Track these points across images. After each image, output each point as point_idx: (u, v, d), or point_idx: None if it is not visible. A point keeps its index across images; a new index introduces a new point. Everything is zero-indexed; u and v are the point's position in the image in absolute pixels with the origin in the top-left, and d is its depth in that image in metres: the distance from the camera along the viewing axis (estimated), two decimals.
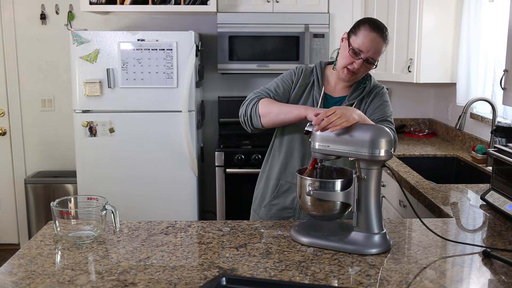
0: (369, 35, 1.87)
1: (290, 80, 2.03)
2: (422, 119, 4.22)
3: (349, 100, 1.99)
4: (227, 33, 3.72)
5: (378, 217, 1.60)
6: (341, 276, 1.41)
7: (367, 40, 1.87)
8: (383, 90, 2.06)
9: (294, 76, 2.04)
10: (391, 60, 3.68)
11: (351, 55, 1.89)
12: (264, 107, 1.93)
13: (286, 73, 2.07)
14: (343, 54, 1.93)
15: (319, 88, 2.01)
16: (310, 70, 2.06)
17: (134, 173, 3.55)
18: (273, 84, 2.03)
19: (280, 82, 2.03)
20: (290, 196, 2.04)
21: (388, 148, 1.55)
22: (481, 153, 2.95)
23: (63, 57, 4.05)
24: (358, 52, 1.88)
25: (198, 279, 1.39)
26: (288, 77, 2.04)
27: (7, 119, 4.16)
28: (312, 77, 2.04)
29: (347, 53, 1.90)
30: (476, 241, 1.72)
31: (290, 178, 2.03)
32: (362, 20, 1.94)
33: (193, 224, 1.83)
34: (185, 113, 3.45)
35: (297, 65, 2.10)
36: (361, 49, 1.87)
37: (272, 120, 1.94)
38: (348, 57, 1.90)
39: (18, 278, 1.40)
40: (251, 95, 2.01)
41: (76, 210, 1.74)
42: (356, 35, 1.89)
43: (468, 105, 2.95)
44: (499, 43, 3.07)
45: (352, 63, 1.90)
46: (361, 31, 1.88)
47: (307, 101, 2.00)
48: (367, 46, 1.87)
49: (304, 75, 2.04)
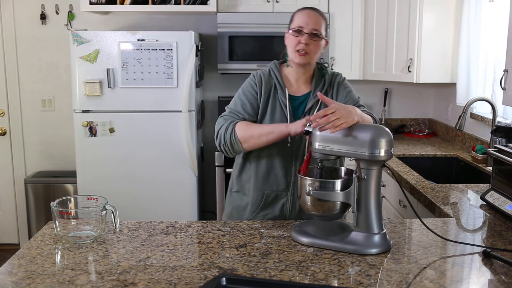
0: (303, 13, 1.94)
1: (253, 92, 1.98)
2: (422, 119, 4.22)
3: (314, 96, 1.98)
4: (227, 33, 3.72)
5: (378, 217, 1.60)
6: (341, 276, 1.41)
7: (302, 16, 1.92)
8: (342, 77, 2.08)
9: (255, 86, 1.99)
10: (391, 60, 3.68)
11: (294, 35, 1.92)
12: (242, 133, 1.88)
13: (246, 86, 2.01)
14: (288, 42, 1.96)
15: (282, 91, 1.97)
16: (268, 73, 2.02)
17: (134, 173, 3.55)
18: (238, 103, 1.98)
19: (245, 98, 1.97)
20: (278, 204, 1.99)
21: (388, 148, 1.55)
22: (481, 153, 2.95)
23: (63, 57, 4.05)
24: (299, 29, 1.91)
25: (198, 279, 1.39)
26: (251, 89, 1.99)
27: (7, 119, 4.16)
28: (272, 80, 2.00)
29: (291, 37, 1.93)
30: (476, 241, 1.72)
31: (276, 187, 1.97)
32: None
33: (193, 224, 1.83)
34: (185, 113, 3.45)
35: (253, 72, 2.04)
36: (300, 25, 1.91)
37: (255, 145, 1.90)
38: (293, 39, 1.93)
39: (18, 278, 1.40)
40: (221, 121, 1.95)
41: (76, 210, 1.74)
42: (292, 21, 1.96)
43: (468, 105, 2.95)
44: (499, 43, 3.07)
45: (298, 42, 1.91)
46: (295, 15, 1.97)
47: (275, 107, 1.96)
48: (304, 20, 1.91)
49: (265, 81, 1.99)
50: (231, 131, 1.89)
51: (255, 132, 1.88)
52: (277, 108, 1.96)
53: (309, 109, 1.97)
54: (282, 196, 1.98)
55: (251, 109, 1.96)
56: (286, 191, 1.97)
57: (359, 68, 3.90)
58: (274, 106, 1.97)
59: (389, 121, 4.27)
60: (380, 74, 3.80)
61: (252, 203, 2.00)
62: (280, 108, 1.96)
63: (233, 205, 2.09)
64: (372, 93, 4.27)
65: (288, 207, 1.98)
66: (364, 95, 4.26)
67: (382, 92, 4.25)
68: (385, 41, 3.69)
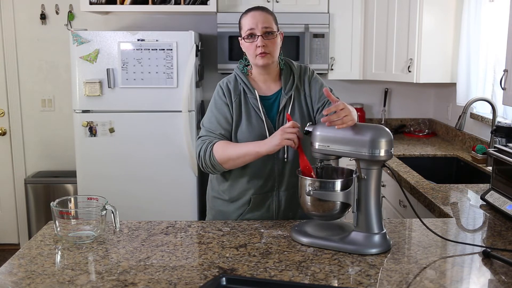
0: (249, 16, 1.91)
1: (224, 104, 1.96)
2: (422, 119, 4.22)
3: (286, 92, 1.96)
4: (227, 33, 3.72)
5: (378, 217, 1.60)
6: (341, 276, 1.41)
7: (250, 19, 1.89)
8: (311, 70, 2.05)
9: (224, 97, 1.96)
10: (391, 60, 3.68)
11: (248, 41, 1.90)
12: (220, 155, 1.87)
13: (216, 99, 1.99)
14: (245, 49, 1.94)
15: (252, 94, 1.95)
16: (234, 79, 2.00)
17: (134, 173, 3.55)
18: (212, 120, 1.96)
19: (217, 113, 1.95)
20: (265, 205, 1.97)
21: (388, 148, 1.55)
22: (481, 153, 2.95)
23: (63, 57, 4.05)
24: (251, 33, 1.89)
25: (198, 279, 1.39)
26: (220, 102, 1.96)
27: (7, 119, 4.16)
28: (240, 85, 1.98)
29: (246, 44, 1.91)
30: (476, 241, 1.72)
31: (261, 189, 1.96)
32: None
33: (193, 224, 1.83)
34: (185, 113, 3.45)
35: (219, 84, 2.01)
36: (251, 28, 1.88)
37: (234, 165, 1.90)
38: (248, 45, 1.90)
39: (18, 278, 1.40)
40: (200, 143, 1.94)
41: (76, 210, 1.74)
42: (241, 27, 1.93)
43: (468, 105, 2.95)
44: (499, 43, 3.07)
45: (256, 47, 1.89)
46: (242, 21, 1.93)
47: (249, 111, 1.94)
48: (253, 22, 1.88)
49: (232, 89, 1.97)
50: (209, 154, 1.89)
51: (232, 155, 1.86)
52: (251, 112, 1.94)
53: (283, 107, 1.95)
54: (268, 196, 1.97)
55: (226, 123, 1.94)
56: (271, 191, 1.97)
57: (359, 68, 3.90)
58: (247, 110, 1.95)
59: (389, 121, 4.27)
60: (380, 74, 3.80)
61: (238, 207, 1.99)
62: (254, 111, 1.94)
63: (216, 211, 2.06)
64: (372, 93, 4.27)
65: (275, 207, 1.98)
66: (364, 95, 4.26)
67: (382, 92, 4.25)
68: (385, 41, 3.69)
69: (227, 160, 1.87)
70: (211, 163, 1.90)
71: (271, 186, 1.97)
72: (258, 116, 1.94)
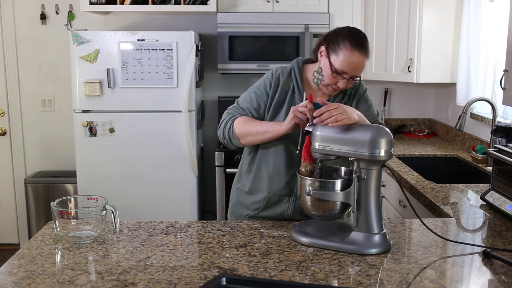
0: (352, 56, 1.76)
1: (265, 92, 1.92)
2: (422, 119, 4.22)
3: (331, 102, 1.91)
4: (227, 33, 3.72)
5: (378, 217, 1.60)
6: (341, 276, 1.41)
7: (350, 62, 1.77)
8: (365, 89, 2.01)
9: (269, 86, 1.92)
10: (391, 60, 3.68)
11: (334, 77, 1.81)
12: (240, 129, 1.87)
13: (261, 83, 1.94)
14: (326, 73, 1.82)
15: (300, 95, 1.91)
16: (289, 73, 1.94)
17: (134, 173, 3.55)
18: (247, 99, 1.94)
19: (255, 96, 1.93)
20: (279, 208, 1.95)
21: (388, 148, 1.55)
22: (481, 153, 2.95)
23: (63, 57, 4.04)
24: (341, 73, 1.79)
25: (198, 279, 1.39)
26: (263, 89, 1.93)
27: (7, 119, 4.16)
28: (292, 82, 1.93)
29: (330, 74, 1.81)
30: (476, 241, 1.72)
31: (279, 191, 1.94)
32: (341, 34, 1.81)
33: (193, 224, 1.83)
34: (185, 113, 3.45)
35: (272, 70, 1.95)
36: (345, 70, 1.78)
37: (252, 141, 1.89)
38: (331, 78, 1.81)
39: (18, 278, 1.40)
40: (225, 115, 1.93)
41: (76, 210, 1.74)
42: (336, 54, 1.79)
43: (468, 105, 2.95)
44: (499, 43, 3.07)
45: (335, 83, 1.83)
46: (341, 51, 1.77)
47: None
48: (351, 67, 1.78)
49: (282, 82, 1.92)
50: (229, 126, 1.90)
51: (252, 130, 1.87)
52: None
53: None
54: (284, 200, 1.95)
55: (258, 108, 1.92)
56: (288, 196, 1.94)
57: None
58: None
59: (389, 121, 4.27)
60: (380, 74, 3.80)
61: (254, 202, 1.99)
62: None
63: (237, 200, 2.07)
64: (372, 93, 4.21)
65: (290, 212, 1.95)
66: None
67: (382, 92, 4.25)
68: (385, 41, 3.69)
69: (245, 135, 1.87)
70: (229, 135, 1.90)
71: (289, 190, 1.94)
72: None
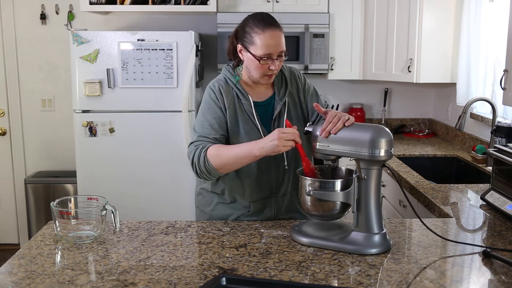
0: (265, 37, 1.76)
1: (217, 108, 1.87)
2: (422, 119, 4.22)
3: (280, 98, 1.91)
4: (227, 33, 3.66)
5: (378, 217, 1.60)
6: (341, 276, 1.41)
7: (268, 42, 1.76)
8: (302, 76, 1.99)
9: (217, 100, 1.88)
10: (391, 60, 3.68)
11: (263, 63, 1.79)
12: (215, 160, 1.76)
13: (208, 102, 1.89)
14: (254, 66, 1.81)
15: (246, 99, 1.89)
16: (225, 82, 1.92)
17: (134, 173, 3.55)
18: (205, 124, 1.86)
19: (210, 117, 1.86)
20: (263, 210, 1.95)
21: (388, 148, 1.55)
22: (481, 153, 2.95)
23: (63, 57, 4.05)
24: (267, 57, 1.78)
25: (198, 279, 1.39)
26: (213, 105, 1.88)
27: (7, 119, 4.16)
28: (232, 89, 1.90)
29: (259, 64, 1.79)
30: (476, 241, 1.72)
31: (261, 195, 1.93)
32: (247, 24, 1.81)
33: (193, 224, 1.83)
34: (185, 113, 3.45)
35: (209, 86, 1.93)
36: (269, 51, 1.77)
37: (231, 169, 1.82)
38: (261, 66, 1.80)
39: (18, 278, 1.40)
40: (193, 149, 1.82)
41: (76, 210, 1.74)
42: (253, 43, 1.79)
43: (468, 105, 2.95)
44: (499, 43, 3.07)
45: (268, 68, 1.81)
46: (255, 38, 1.78)
47: (244, 118, 1.88)
48: (272, 47, 1.77)
49: (225, 93, 1.89)
50: (203, 160, 1.78)
51: (228, 160, 1.77)
52: (246, 119, 1.88)
53: (278, 114, 1.90)
54: (267, 202, 1.95)
55: (219, 127, 1.86)
56: (270, 197, 1.95)
57: (359, 68, 3.89)
58: (243, 117, 1.87)
59: (389, 121, 4.27)
60: (380, 74, 3.80)
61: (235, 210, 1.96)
62: (247, 117, 1.88)
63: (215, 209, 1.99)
64: (372, 93, 4.26)
65: (273, 211, 1.96)
66: (364, 95, 4.26)
67: (382, 92, 4.25)
68: (385, 41, 3.69)
69: (223, 164, 1.77)
70: (206, 169, 1.78)
71: (269, 192, 1.94)
72: (253, 122, 1.88)
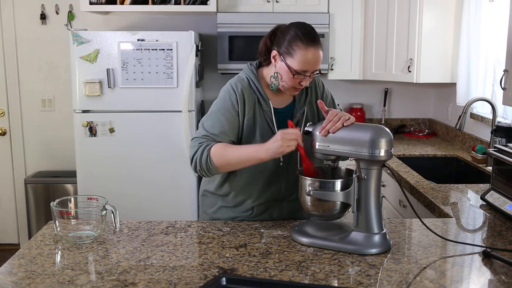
0: (307, 54, 1.73)
1: (234, 113, 1.82)
2: (422, 119, 4.22)
3: (300, 107, 1.90)
4: (227, 33, 3.72)
5: (378, 217, 1.60)
6: (341, 276, 1.41)
7: (307, 60, 1.73)
8: (322, 84, 1.98)
9: (237, 105, 1.81)
10: (391, 60, 3.68)
11: (296, 78, 1.77)
12: (218, 159, 1.74)
13: (226, 103, 1.82)
14: (286, 77, 1.78)
15: (267, 106, 1.85)
16: (248, 85, 1.85)
17: (134, 173, 3.55)
18: (216, 124, 1.81)
19: (224, 119, 1.81)
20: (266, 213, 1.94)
21: (388, 148, 1.55)
22: (481, 153, 2.95)
23: (63, 57, 4.05)
24: (302, 72, 1.75)
25: (198, 279, 1.39)
26: (231, 109, 1.82)
27: (7, 119, 4.16)
28: (255, 94, 1.85)
29: (291, 77, 1.76)
30: (476, 241, 1.72)
31: (267, 199, 1.92)
32: (290, 34, 1.76)
33: (193, 224, 1.83)
34: (185, 113, 3.45)
35: (231, 84, 1.85)
36: (305, 69, 1.75)
37: (232, 169, 1.81)
38: (293, 80, 1.77)
39: (18, 278, 1.40)
40: (196, 145, 1.79)
41: (76, 210, 1.74)
42: (292, 56, 1.75)
43: (468, 105, 2.95)
44: (499, 43, 3.07)
45: (299, 83, 1.78)
46: (296, 51, 1.74)
47: (263, 123, 1.84)
48: (310, 65, 1.75)
49: (247, 97, 1.83)
50: (206, 157, 1.75)
51: (232, 159, 1.75)
52: (263, 124, 1.85)
53: (296, 123, 1.88)
54: (272, 206, 1.95)
55: (232, 133, 1.81)
56: (275, 201, 1.94)
57: (359, 68, 3.89)
58: (261, 122, 1.84)
59: (389, 121, 4.27)
60: (380, 74, 3.80)
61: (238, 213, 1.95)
62: (266, 124, 1.85)
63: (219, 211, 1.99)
64: (372, 93, 4.26)
65: (276, 215, 1.95)
66: (364, 95, 4.26)
67: (382, 92, 4.25)
68: (385, 41, 3.69)
69: (225, 164, 1.75)
70: (207, 167, 1.76)
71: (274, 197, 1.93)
72: (270, 128, 1.84)
